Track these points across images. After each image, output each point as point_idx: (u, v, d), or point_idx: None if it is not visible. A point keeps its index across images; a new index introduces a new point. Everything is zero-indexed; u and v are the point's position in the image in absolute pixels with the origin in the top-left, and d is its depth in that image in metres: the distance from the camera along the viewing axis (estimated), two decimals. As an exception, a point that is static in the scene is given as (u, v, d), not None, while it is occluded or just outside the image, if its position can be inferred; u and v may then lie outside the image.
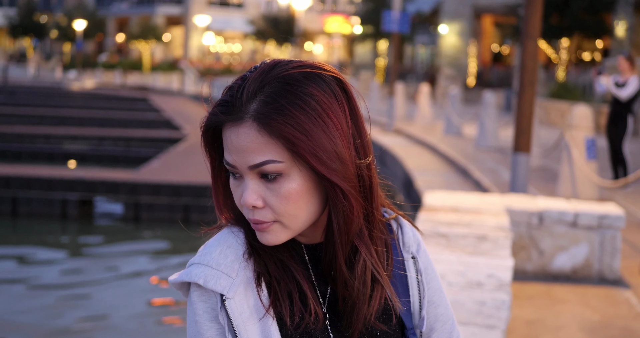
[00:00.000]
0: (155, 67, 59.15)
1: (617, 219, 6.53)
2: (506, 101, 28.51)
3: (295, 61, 1.35)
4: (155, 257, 11.78)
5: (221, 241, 1.38)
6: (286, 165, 1.30)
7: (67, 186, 13.88)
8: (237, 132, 1.30)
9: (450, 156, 14.70)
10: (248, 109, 1.30)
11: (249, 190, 1.31)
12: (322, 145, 1.30)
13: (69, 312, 8.94)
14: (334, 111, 1.32)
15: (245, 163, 1.30)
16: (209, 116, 1.34)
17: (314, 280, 1.39)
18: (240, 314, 1.32)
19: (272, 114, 1.29)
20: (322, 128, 1.30)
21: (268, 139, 1.29)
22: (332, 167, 1.30)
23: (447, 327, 1.50)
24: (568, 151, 10.12)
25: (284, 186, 1.31)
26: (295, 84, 1.31)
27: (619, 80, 11.21)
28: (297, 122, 1.29)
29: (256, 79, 1.31)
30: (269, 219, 1.32)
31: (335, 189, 1.32)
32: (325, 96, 1.32)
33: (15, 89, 42.45)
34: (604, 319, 5.68)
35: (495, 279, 4.19)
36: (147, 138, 22.78)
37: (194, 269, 1.34)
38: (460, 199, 6.63)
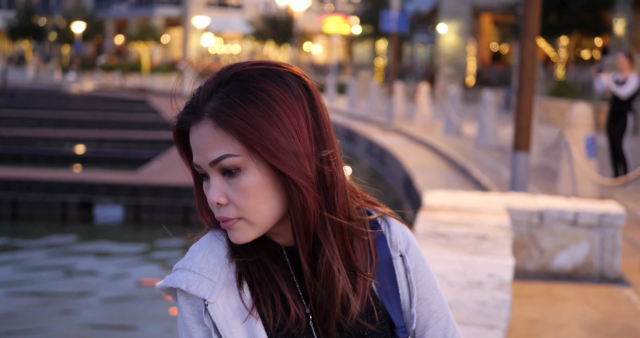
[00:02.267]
0: (154, 69, 59.15)
1: (618, 217, 6.52)
2: (505, 99, 28.51)
3: (252, 61, 1.39)
4: (156, 259, 11.77)
5: (203, 245, 1.40)
6: (242, 159, 1.33)
7: (67, 188, 13.87)
8: (197, 131, 1.35)
9: (450, 156, 14.69)
10: (205, 108, 1.34)
11: (212, 188, 1.35)
12: (272, 137, 1.32)
13: (69, 315, 8.93)
14: (289, 105, 1.34)
15: (206, 160, 1.34)
16: (176, 120, 1.39)
17: (296, 281, 1.39)
18: (224, 317, 1.34)
19: (224, 109, 1.33)
20: (274, 120, 1.33)
21: (223, 134, 1.33)
22: (283, 159, 1.33)
23: (441, 323, 1.48)
24: (568, 150, 10.12)
25: (243, 180, 1.33)
26: (249, 80, 1.35)
27: (619, 78, 11.20)
28: (245, 115, 1.32)
29: (213, 80, 1.37)
30: (233, 216, 1.35)
31: (288, 182, 1.34)
32: (279, 90, 1.34)
33: (14, 91, 42.44)
34: (605, 317, 5.67)
35: (496, 278, 4.19)
36: (147, 139, 22.77)
37: (178, 274, 1.37)
38: (460, 198, 6.62)
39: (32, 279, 10.49)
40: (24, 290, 9.96)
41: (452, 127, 18.95)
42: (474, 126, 18.86)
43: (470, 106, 26.86)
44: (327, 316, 1.37)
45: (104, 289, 10.06)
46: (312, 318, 1.38)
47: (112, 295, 9.77)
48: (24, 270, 11.01)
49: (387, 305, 1.43)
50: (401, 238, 1.47)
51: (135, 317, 8.92)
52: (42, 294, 9.77)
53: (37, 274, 10.75)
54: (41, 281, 10.36)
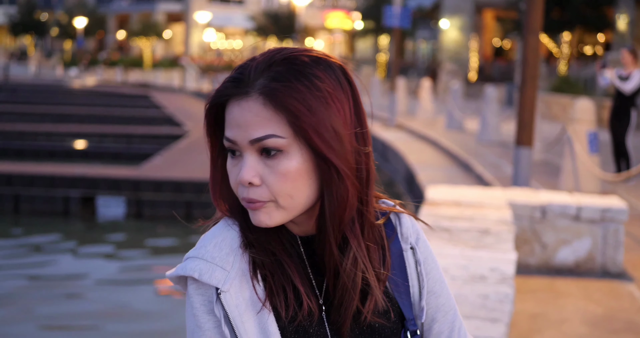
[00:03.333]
0: (156, 64, 59.14)
1: (620, 212, 6.52)
2: (508, 95, 28.49)
3: (299, 47, 1.37)
4: (158, 254, 11.78)
5: (216, 234, 1.38)
6: (287, 141, 1.30)
7: (69, 183, 13.88)
8: (242, 106, 1.31)
9: (452, 151, 14.68)
10: (255, 85, 1.31)
11: (247, 166, 1.31)
12: (324, 123, 1.30)
13: (72, 309, 8.94)
14: (338, 96, 1.33)
15: (247, 137, 1.31)
16: (215, 92, 1.35)
17: (310, 272, 1.38)
18: (237, 307, 1.32)
19: (279, 88, 1.30)
20: (326, 107, 1.31)
21: (272, 114, 1.30)
22: (332, 146, 1.31)
23: (448, 317, 1.48)
24: (570, 145, 10.11)
25: (283, 163, 1.31)
26: (303, 65, 1.33)
27: (623, 73, 11.20)
28: (303, 98, 1.30)
29: (264, 60, 1.33)
30: (264, 198, 1.32)
31: (331, 170, 1.31)
32: (330, 80, 1.33)
33: (16, 87, 42.44)
34: (607, 312, 5.67)
35: (498, 272, 4.18)
36: (149, 134, 22.77)
37: (189, 263, 1.34)
38: (462, 193, 6.62)
39: (34, 273, 10.50)
40: (26, 283, 9.97)
41: (454, 122, 18.94)
42: (476, 121, 18.85)
43: (472, 101, 26.84)
44: (346, 311, 1.36)
45: (107, 284, 10.07)
46: (324, 309, 1.37)
47: (114, 290, 9.78)
48: (26, 264, 11.02)
49: (398, 297, 1.42)
50: (411, 230, 1.46)
51: (135, 311, 8.93)
52: (44, 288, 9.78)
53: (39, 268, 10.76)
54: (43, 276, 10.37)
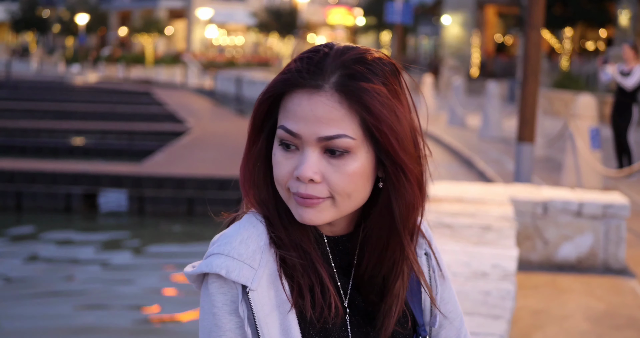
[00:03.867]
0: (158, 61, 59.12)
1: (622, 208, 6.52)
2: (510, 91, 28.45)
3: (365, 47, 1.34)
4: (160, 250, 11.78)
5: (241, 230, 1.33)
6: (356, 143, 1.27)
7: (71, 179, 13.88)
8: (314, 99, 1.26)
9: (454, 147, 14.68)
10: (329, 80, 1.27)
11: (309, 162, 1.27)
12: (403, 126, 1.29)
13: (74, 305, 8.95)
14: (404, 96, 1.32)
15: (315, 133, 1.26)
16: (279, 81, 1.30)
17: (335, 272, 1.36)
18: (263, 307, 1.29)
19: (360, 85, 1.26)
20: (403, 110, 1.30)
21: (346, 113, 1.26)
22: (406, 150, 1.30)
23: (455, 324, 1.48)
24: (572, 141, 10.10)
25: (350, 164, 1.27)
26: (376, 66, 1.29)
27: (624, 69, 11.19)
28: (384, 99, 1.27)
29: (336, 56, 1.29)
30: (323, 195, 1.28)
31: (399, 173, 1.30)
32: (396, 83, 1.32)
33: (18, 83, 42.44)
34: (609, 308, 5.67)
35: (500, 269, 4.19)
36: (151, 131, 22.77)
37: (215, 259, 1.29)
38: (464, 189, 6.62)
39: (36, 270, 10.51)
40: (28, 280, 9.98)
41: (456, 118, 18.93)
42: (478, 117, 18.84)
43: (474, 97, 26.82)
44: (390, 321, 1.36)
45: (109, 280, 10.07)
46: (348, 311, 1.35)
47: (116, 287, 9.79)
48: (28, 261, 11.03)
49: (411, 303, 1.42)
50: (426, 236, 1.44)
51: (138, 307, 8.94)
52: (47, 284, 9.79)
53: (41, 265, 10.78)
54: (45, 272, 10.38)
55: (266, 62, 60.28)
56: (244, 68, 52.92)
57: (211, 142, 18.72)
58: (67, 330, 8.22)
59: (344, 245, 1.37)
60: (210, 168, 14.49)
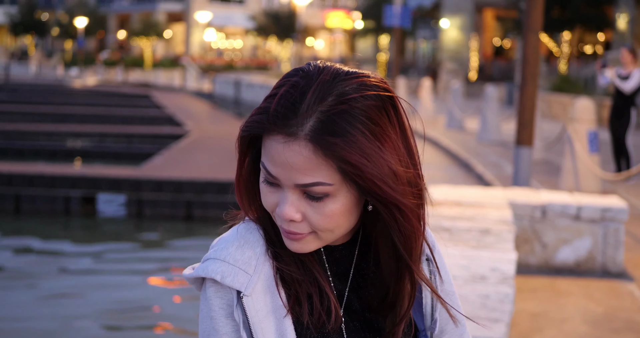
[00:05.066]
0: (156, 64, 59.14)
1: (620, 212, 6.52)
2: (508, 94, 28.48)
3: (352, 75, 1.29)
4: (158, 253, 11.78)
5: (238, 236, 1.35)
6: (335, 187, 1.26)
7: (69, 183, 13.89)
8: (288, 148, 1.25)
9: (452, 150, 14.69)
10: (303, 127, 1.24)
11: (288, 204, 1.28)
12: (383, 168, 1.26)
13: (73, 308, 8.95)
14: (389, 134, 1.28)
15: (292, 180, 1.27)
16: (254, 122, 1.28)
17: (331, 281, 1.37)
18: (257, 312, 1.30)
19: (332, 137, 1.24)
20: (383, 151, 1.27)
21: (322, 161, 1.25)
22: (393, 188, 1.27)
23: (458, 329, 1.47)
24: (570, 144, 10.11)
25: (329, 206, 1.28)
26: (356, 107, 1.26)
27: (622, 72, 11.20)
28: (359, 147, 1.24)
29: (314, 93, 1.25)
30: (305, 231, 1.30)
31: (393, 211, 1.29)
32: (382, 118, 1.28)
33: (17, 86, 42.46)
34: (608, 312, 5.68)
35: (499, 272, 4.19)
36: (150, 134, 22.79)
37: (211, 264, 1.32)
38: (463, 193, 6.63)
39: (35, 273, 10.51)
40: (27, 283, 9.98)
41: (454, 122, 18.94)
42: (476, 121, 18.85)
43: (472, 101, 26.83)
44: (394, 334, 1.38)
45: (108, 283, 10.07)
46: (343, 319, 1.36)
47: (115, 290, 9.78)
48: (27, 264, 11.02)
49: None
50: (428, 240, 1.44)
51: (136, 309, 8.94)
52: (46, 288, 9.79)
53: (40, 268, 10.77)
54: (44, 275, 10.37)
55: (265, 65, 60.32)
56: (242, 71, 52.93)
57: (210, 145, 18.73)
58: (64, 331, 8.22)
59: (340, 253, 1.38)
60: (209, 172, 14.49)
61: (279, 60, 58.38)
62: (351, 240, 1.39)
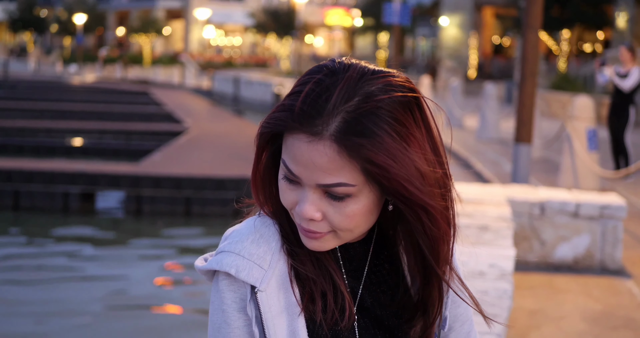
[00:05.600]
0: (155, 61, 59.11)
1: (619, 209, 6.53)
2: (507, 92, 28.49)
3: (379, 75, 1.28)
4: (157, 250, 11.78)
5: (253, 230, 1.33)
6: (357, 188, 1.25)
7: (68, 179, 13.88)
8: (313, 148, 1.23)
9: (451, 148, 14.70)
10: (328, 126, 1.22)
11: (309, 203, 1.26)
12: (410, 169, 1.24)
13: (72, 304, 8.96)
14: (414, 134, 1.26)
15: (314, 180, 1.25)
16: (277, 119, 1.26)
17: (345, 278, 1.36)
18: (270, 308, 1.29)
19: (358, 138, 1.22)
20: (409, 152, 1.24)
21: (345, 162, 1.23)
22: (421, 189, 1.25)
23: (465, 327, 1.48)
24: (569, 142, 10.12)
25: (350, 206, 1.26)
26: (383, 107, 1.24)
27: (621, 71, 11.21)
28: (386, 148, 1.22)
29: (340, 92, 1.23)
30: (325, 230, 1.28)
31: (419, 213, 1.27)
32: (407, 118, 1.26)
33: (16, 83, 42.42)
34: (606, 309, 5.69)
35: (497, 269, 4.20)
36: (148, 131, 22.77)
37: (225, 257, 1.30)
38: (462, 189, 6.63)
39: (33, 269, 10.51)
40: (25, 280, 9.99)
41: (453, 119, 18.96)
42: (475, 118, 18.86)
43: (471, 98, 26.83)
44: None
45: (106, 280, 10.08)
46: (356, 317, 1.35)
47: (114, 286, 9.79)
48: (25, 260, 11.03)
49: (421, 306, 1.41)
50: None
51: (136, 308, 8.94)
52: (44, 284, 9.80)
53: (39, 264, 10.78)
54: (42, 271, 10.38)
55: (264, 62, 60.31)
56: (241, 68, 52.93)
57: (209, 142, 18.73)
58: (63, 327, 8.23)
59: (355, 250, 1.37)
60: (208, 168, 14.49)
61: (278, 57, 58.33)
62: (366, 238, 1.38)
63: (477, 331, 1.54)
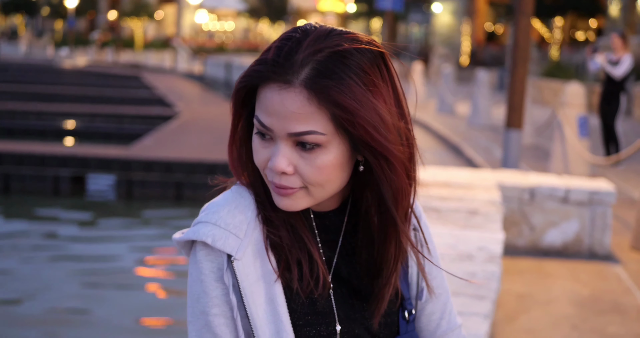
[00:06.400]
0: (147, 45, 58.88)
1: (608, 195, 6.56)
2: (499, 80, 28.50)
3: (348, 33, 1.32)
4: (147, 233, 11.79)
5: (229, 200, 1.36)
6: (327, 138, 1.28)
7: (59, 162, 13.86)
8: (283, 96, 1.27)
9: (442, 134, 14.71)
10: (299, 74, 1.26)
11: (280, 156, 1.29)
12: (375, 116, 1.28)
13: (63, 287, 8.96)
14: (380, 87, 1.31)
15: (285, 129, 1.27)
16: (251, 72, 1.30)
17: (320, 247, 1.38)
18: (247, 276, 1.31)
19: (328, 83, 1.26)
20: (375, 100, 1.29)
21: (315, 109, 1.26)
22: (386, 138, 1.29)
23: (442, 298, 1.51)
24: (560, 129, 10.14)
25: (320, 158, 1.29)
26: (350, 57, 1.28)
27: (612, 58, 11.22)
28: (353, 93, 1.26)
29: (310, 45, 1.28)
30: (296, 185, 1.30)
31: (381, 161, 1.30)
32: (373, 72, 1.30)
33: (6, 66, 42.22)
34: (594, 293, 5.72)
35: (486, 252, 4.22)
36: (140, 115, 22.71)
37: (202, 227, 1.32)
38: (452, 174, 6.65)
39: (23, 252, 10.51)
40: (15, 263, 9.98)
41: (445, 106, 18.96)
42: (467, 105, 18.87)
43: (463, 85, 26.85)
44: (379, 302, 1.39)
45: (96, 263, 10.08)
46: (332, 285, 1.38)
47: (103, 269, 9.80)
48: (15, 243, 11.02)
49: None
50: (415, 211, 1.45)
51: (127, 295, 8.96)
52: (34, 267, 9.79)
53: (29, 247, 10.77)
54: (32, 255, 10.37)
55: (256, 47, 60.11)
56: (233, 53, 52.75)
57: (200, 126, 18.70)
58: (52, 311, 8.24)
59: (330, 220, 1.40)
60: (199, 152, 14.48)
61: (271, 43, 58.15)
62: (341, 207, 1.40)
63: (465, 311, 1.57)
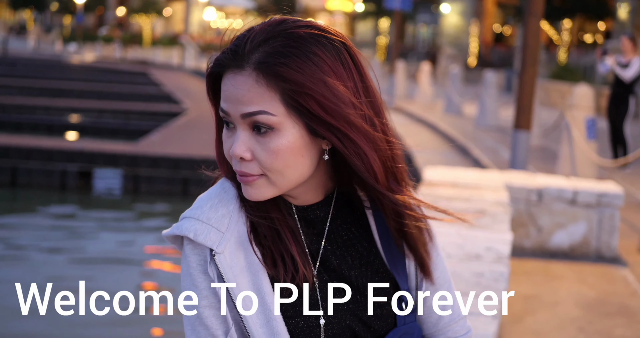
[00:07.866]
0: (155, 42, 58.92)
1: (616, 197, 6.55)
2: (507, 81, 28.47)
3: (302, 20, 1.36)
4: (153, 229, 11.80)
5: (212, 195, 1.39)
6: (279, 119, 1.30)
7: (66, 157, 13.88)
8: (235, 79, 1.31)
9: (450, 135, 14.70)
10: (250, 59, 1.31)
11: (239, 141, 1.32)
12: (324, 88, 1.30)
13: (67, 283, 8.97)
14: (338, 73, 1.32)
15: (238, 111, 1.31)
16: (214, 61, 1.35)
17: (304, 239, 1.39)
18: (231, 268, 1.34)
19: (275, 61, 1.30)
20: (325, 79, 1.30)
21: (265, 90, 1.30)
22: (341, 109, 1.30)
23: (443, 289, 1.50)
24: (568, 131, 10.12)
25: (274, 141, 1.31)
26: (301, 41, 1.32)
27: (622, 60, 11.21)
28: (301, 68, 1.29)
29: (262, 31, 1.34)
30: (255, 172, 1.33)
31: (341, 136, 1.31)
32: (329, 58, 1.32)
33: (15, 61, 42.28)
34: (601, 296, 5.71)
35: (494, 252, 4.21)
36: (147, 111, 22.73)
37: (185, 223, 1.36)
38: (459, 175, 6.64)
39: (30, 247, 10.52)
40: (22, 257, 10.00)
41: (452, 107, 18.94)
42: (474, 106, 18.85)
43: (471, 86, 26.82)
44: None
45: (102, 258, 10.09)
46: (317, 275, 1.39)
47: (109, 265, 9.81)
48: (22, 238, 11.04)
49: (392, 268, 1.44)
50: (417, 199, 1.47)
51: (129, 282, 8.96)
52: (40, 262, 9.81)
53: (35, 242, 10.79)
54: (39, 250, 10.39)
55: (264, 46, 60.01)
56: (241, 51, 52.65)
57: (207, 123, 18.70)
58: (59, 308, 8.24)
59: (314, 213, 1.41)
60: (206, 149, 14.48)
61: (279, 41, 58.11)
62: (325, 200, 1.42)
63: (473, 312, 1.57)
